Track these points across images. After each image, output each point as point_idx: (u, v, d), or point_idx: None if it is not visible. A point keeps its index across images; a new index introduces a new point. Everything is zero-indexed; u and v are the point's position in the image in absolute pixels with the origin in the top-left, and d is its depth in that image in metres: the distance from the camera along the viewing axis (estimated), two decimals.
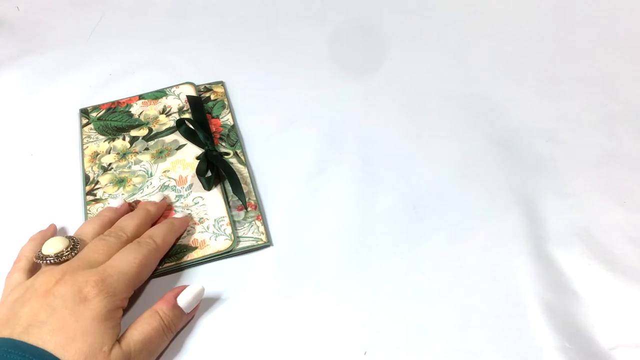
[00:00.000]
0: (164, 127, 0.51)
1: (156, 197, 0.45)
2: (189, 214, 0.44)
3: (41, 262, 0.36)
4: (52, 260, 0.36)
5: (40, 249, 0.37)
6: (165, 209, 0.45)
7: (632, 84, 0.54)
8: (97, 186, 0.47)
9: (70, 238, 0.38)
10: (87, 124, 0.52)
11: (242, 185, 0.45)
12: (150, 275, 0.41)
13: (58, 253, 0.36)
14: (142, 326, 0.35)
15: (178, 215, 0.44)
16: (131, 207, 0.45)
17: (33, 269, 0.38)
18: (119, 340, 0.34)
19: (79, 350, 0.31)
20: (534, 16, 0.62)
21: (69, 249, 0.37)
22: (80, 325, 0.32)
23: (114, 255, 0.37)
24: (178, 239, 0.42)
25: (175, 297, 0.37)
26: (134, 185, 0.47)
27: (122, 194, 0.46)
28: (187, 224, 0.43)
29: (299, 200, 0.46)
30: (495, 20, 0.62)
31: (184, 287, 0.37)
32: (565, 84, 0.54)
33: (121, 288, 0.35)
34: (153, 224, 0.43)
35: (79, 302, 0.33)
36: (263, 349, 0.37)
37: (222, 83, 0.56)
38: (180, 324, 0.37)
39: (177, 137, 0.50)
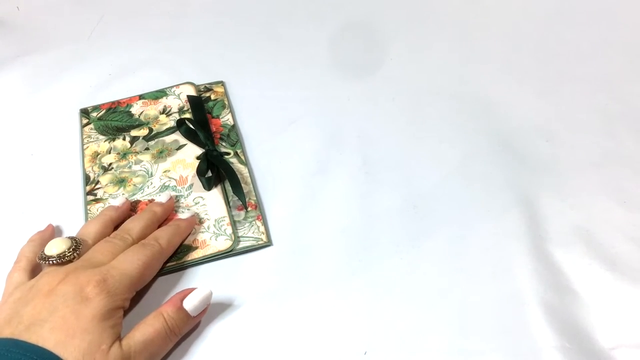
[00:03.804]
0: (164, 127, 0.51)
1: (163, 197, 0.44)
2: (196, 213, 0.44)
3: (43, 262, 0.36)
4: (54, 261, 0.36)
5: (43, 250, 0.37)
6: (172, 210, 0.44)
7: (632, 84, 0.54)
8: (98, 186, 0.47)
9: (72, 239, 0.38)
10: (88, 123, 0.52)
11: (243, 185, 0.45)
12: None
13: (60, 254, 0.36)
14: (145, 327, 0.35)
15: (184, 215, 0.43)
16: (132, 205, 0.45)
17: (34, 269, 0.38)
18: (120, 340, 0.34)
19: (78, 348, 0.31)
20: (534, 16, 0.62)
21: (71, 249, 0.37)
22: (80, 324, 0.32)
23: (118, 256, 0.37)
24: (184, 240, 0.42)
25: (182, 300, 0.36)
26: (134, 185, 0.47)
27: (123, 194, 0.46)
28: (194, 225, 0.43)
29: (299, 200, 0.46)
30: (495, 20, 0.62)
31: (192, 289, 0.37)
32: (565, 84, 0.54)
33: (122, 288, 0.35)
34: (160, 225, 0.43)
35: (80, 301, 0.33)
36: (263, 349, 0.37)
37: (222, 83, 0.56)
38: (186, 327, 0.37)
39: (177, 137, 0.50)
